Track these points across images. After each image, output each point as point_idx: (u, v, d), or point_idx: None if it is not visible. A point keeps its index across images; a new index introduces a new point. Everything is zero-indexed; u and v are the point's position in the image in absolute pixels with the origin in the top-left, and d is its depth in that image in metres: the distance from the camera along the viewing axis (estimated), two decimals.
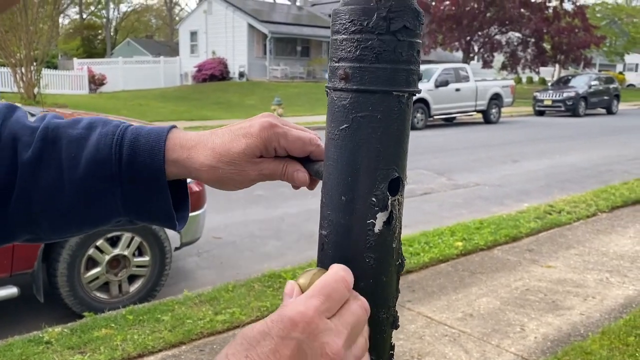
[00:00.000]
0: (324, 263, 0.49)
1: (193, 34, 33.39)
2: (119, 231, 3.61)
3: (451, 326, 3.33)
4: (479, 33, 30.13)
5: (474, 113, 17.99)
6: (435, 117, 16.86)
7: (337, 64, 0.47)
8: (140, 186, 0.60)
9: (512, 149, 11.72)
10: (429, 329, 3.30)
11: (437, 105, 16.45)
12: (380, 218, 0.47)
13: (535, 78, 38.87)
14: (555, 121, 19.14)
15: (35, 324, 3.36)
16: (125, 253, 3.65)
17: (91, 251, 3.52)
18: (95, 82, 28.87)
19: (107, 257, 3.58)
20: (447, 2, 29.91)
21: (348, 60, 0.46)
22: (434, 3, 30.09)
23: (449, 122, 18.29)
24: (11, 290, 3.25)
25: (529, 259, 4.54)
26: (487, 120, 18.11)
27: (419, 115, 16.00)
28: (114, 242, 3.62)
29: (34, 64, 17.52)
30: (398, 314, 0.51)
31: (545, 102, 21.63)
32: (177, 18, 51.11)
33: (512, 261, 4.50)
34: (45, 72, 21.45)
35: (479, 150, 11.50)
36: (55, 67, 30.74)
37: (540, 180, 8.38)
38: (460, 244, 4.78)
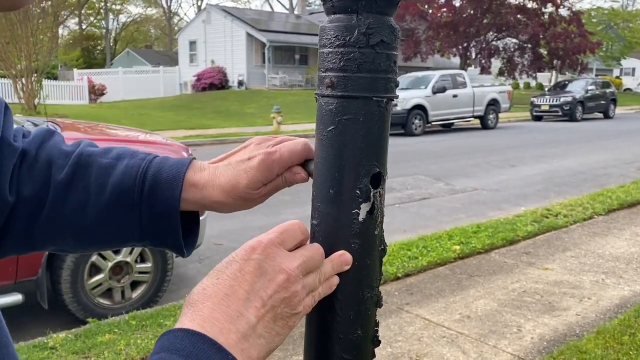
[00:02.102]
0: None
1: (192, 44, 33.56)
2: None
3: (449, 328, 3.39)
4: (476, 39, 30.33)
5: (472, 119, 18.10)
6: (433, 123, 16.96)
7: (324, 74, 0.54)
8: (156, 217, 0.67)
9: (509, 154, 11.80)
10: (427, 330, 3.36)
11: (435, 111, 16.56)
12: (364, 208, 0.53)
13: (533, 83, 39.06)
14: (553, 126, 19.26)
15: (39, 330, 3.42)
16: (128, 260, 3.71)
17: (94, 258, 3.57)
18: (95, 92, 29.01)
19: (109, 264, 3.64)
20: (444, 9, 30.13)
21: (334, 70, 0.53)
22: (430, 10, 30.30)
23: (447, 128, 18.39)
24: (16, 297, 3.31)
25: (525, 262, 4.60)
26: (484, 125, 18.21)
27: (417, 121, 16.10)
28: (117, 249, 3.68)
29: (35, 74, 17.64)
30: (382, 294, 0.58)
31: (543, 107, 21.76)
32: (176, 28, 51.36)
33: (509, 264, 4.56)
34: (45, 82, 21.58)
35: (476, 155, 11.58)
36: (56, 78, 30.91)
37: (538, 184, 8.45)
38: (457, 247, 4.84)
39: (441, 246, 4.87)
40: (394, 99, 0.55)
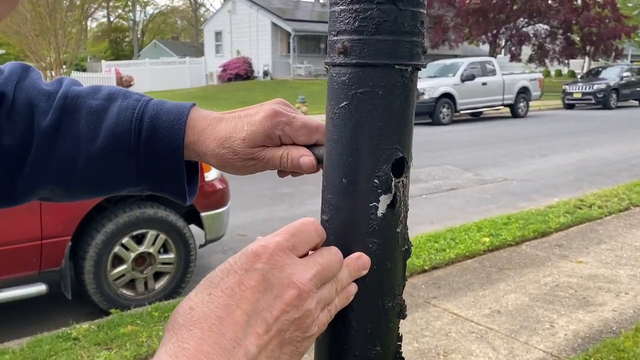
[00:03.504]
0: None
1: (218, 34, 33.65)
2: (145, 229, 3.65)
3: (478, 323, 3.27)
4: (506, 26, 29.63)
5: (501, 107, 17.69)
6: (462, 112, 16.63)
7: (335, 38, 0.44)
8: (156, 162, 0.60)
9: (540, 143, 11.48)
10: (455, 325, 3.24)
11: (463, 99, 16.23)
12: (384, 201, 0.44)
13: (565, 71, 38.06)
14: (586, 114, 18.71)
15: (63, 321, 3.42)
16: (151, 250, 3.68)
17: (117, 249, 3.56)
18: (123, 83, 29.35)
19: (132, 255, 3.61)
20: None
21: (346, 32, 0.43)
22: None
23: (476, 116, 18.03)
24: (40, 288, 3.31)
25: (558, 255, 4.44)
26: (514, 114, 17.79)
27: (444, 110, 15.82)
28: (139, 239, 3.66)
29: (64, 67, 17.91)
30: (405, 303, 0.48)
31: (575, 95, 21.14)
32: (202, 19, 51.56)
33: (541, 257, 4.40)
34: (74, 74, 21.91)
35: (506, 144, 11.31)
36: (84, 70, 31.37)
37: (570, 174, 8.19)
38: (487, 239, 4.69)
39: (470, 238, 4.73)
40: (422, 68, 0.45)
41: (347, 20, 0.43)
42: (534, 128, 14.57)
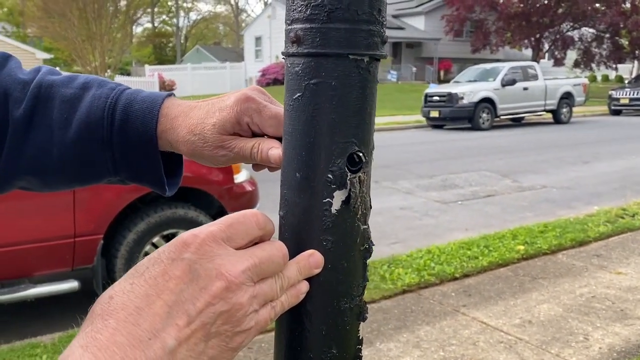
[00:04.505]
0: None
1: (257, 39, 34.06)
2: (175, 229, 3.70)
3: (508, 333, 3.18)
4: (550, 30, 28.94)
5: (543, 113, 17.25)
6: (502, 117, 16.30)
7: (289, 27, 0.43)
8: (131, 152, 0.59)
9: (583, 149, 11.14)
10: (484, 334, 3.16)
11: (504, 104, 15.91)
12: (338, 197, 0.42)
13: (612, 75, 36.84)
14: (633, 121, 18.04)
15: None
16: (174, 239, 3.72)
17: (148, 248, 3.62)
18: (165, 87, 30.00)
19: None
20: (516, 0, 28.95)
21: (300, 21, 0.42)
22: (501, 0, 29.22)
23: (517, 122, 17.64)
24: (72, 284, 3.40)
25: (596, 265, 4.27)
26: (557, 120, 17.31)
27: (484, 115, 15.54)
28: (169, 239, 3.71)
29: (108, 71, 18.47)
30: (366, 305, 0.46)
31: (622, 101, 20.41)
32: (243, 24, 52.31)
33: (578, 267, 4.25)
34: (118, 78, 22.54)
35: (547, 151, 11.01)
36: (129, 74, 32.21)
37: (614, 182, 7.90)
38: (522, 247, 4.57)
39: (504, 246, 4.61)
40: (380, 59, 0.43)
41: (299, 9, 0.41)
42: (577, 134, 14.14)
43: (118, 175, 0.61)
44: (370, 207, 0.45)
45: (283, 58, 0.44)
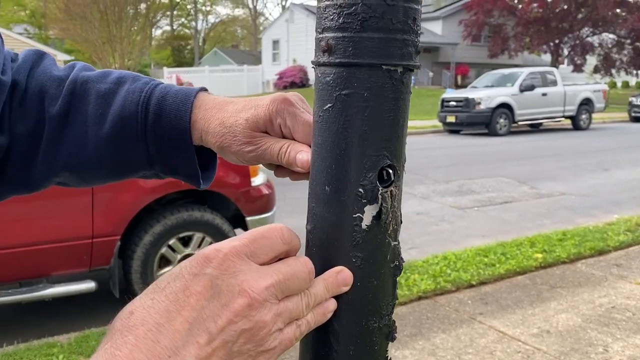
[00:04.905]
0: None
1: (275, 43, 34.18)
2: (191, 231, 3.71)
3: (525, 342, 3.13)
4: (569, 35, 28.63)
5: (562, 119, 17.06)
6: (520, 123, 16.15)
7: (320, 35, 0.41)
8: (165, 145, 0.59)
9: (603, 156, 10.98)
10: (501, 344, 3.12)
11: (522, 110, 15.76)
12: (369, 212, 0.41)
13: (632, 82, 36.33)
14: None
15: (110, 318, 3.48)
16: (196, 252, 3.73)
17: (164, 250, 3.63)
18: None
19: (179, 256, 3.68)
20: (535, 4, 28.70)
21: (331, 30, 0.40)
22: (520, 5, 29.00)
23: (535, 128, 17.47)
24: (89, 285, 3.42)
25: (616, 275, 4.20)
26: (576, 126, 17.11)
27: (502, 120, 15.40)
28: (185, 241, 3.72)
29: None
30: (395, 325, 0.45)
31: None
32: (261, 28, 52.55)
33: (597, 276, 4.17)
34: None
35: (566, 157, 10.87)
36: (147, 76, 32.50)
37: (634, 190, 7.76)
38: (540, 255, 4.50)
39: (522, 254, 4.55)
40: (415, 70, 0.42)
41: (331, 17, 0.40)
42: (596, 141, 13.95)
43: (153, 168, 0.61)
44: (401, 223, 0.44)
45: (313, 67, 0.43)
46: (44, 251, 3.23)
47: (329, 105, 0.41)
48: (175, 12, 52.09)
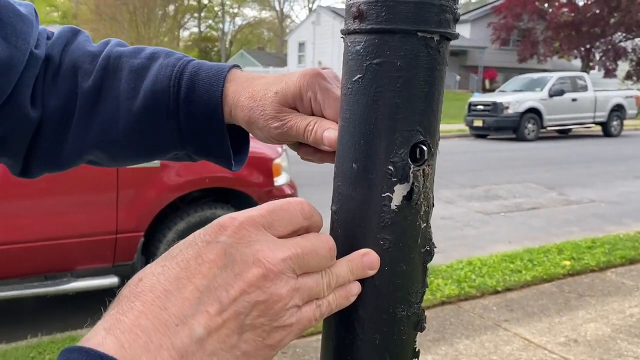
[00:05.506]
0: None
1: (301, 45, 34.30)
2: None
3: (552, 351, 3.04)
4: (601, 40, 28.05)
5: (592, 125, 16.71)
6: (549, 128, 15.87)
7: (351, 1, 0.39)
8: (196, 121, 0.57)
9: (634, 164, 10.70)
10: (527, 352, 3.04)
11: (551, 115, 15.48)
12: (399, 191, 0.38)
13: None
14: None
15: None
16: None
17: None
18: None
19: None
20: (566, 9, 28.23)
21: None
22: (550, 9, 28.56)
23: (564, 134, 17.14)
24: (112, 280, 3.44)
25: None
26: (606, 133, 16.73)
27: (530, 125, 15.16)
28: None
29: None
30: (425, 314, 0.41)
31: None
32: (287, 30, 52.79)
33: (628, 285, 4.05)
34: None
35: (596, 164, 10.64)
36: None
37: None
38: (568, 263, 4.40)
39: (549, 261, 4.45)
40: (452, 39, 0.39)
41: None
42: (628, 148, 13.62)
43: (185, 148, 0.60)
44: (433, 205, 0.41)
45: (342, 37, 0.40)
46: (69, 245, 3.27)
47: (358, 76, 0.38)
48: (202, 14, 52.65)
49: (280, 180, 3.92)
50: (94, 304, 3.89)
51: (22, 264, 3.22)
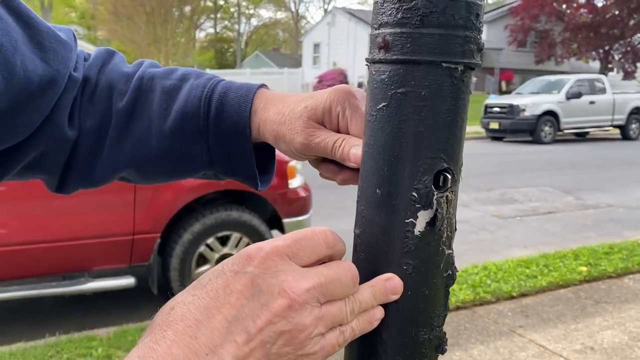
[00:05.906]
0: (357, 268, 0.41)
1: (316, 46, 34.34)
2: (229, 231, 3.74)
3: (567, 358, 3.02)
4: (620, 41, 27.70)
5: (611, 128, 16.51)
6: (566, 131, 15.71)
7: (377, 31, 0.39)
8: (225, 141, 0.59)
9: None
10: (542, 359, 3.02)
11: (568, 118, 15.32)
12: (422, 217, 0.38)
13: None
14: None
15: (148, 314, 3.56)
16: (234, 252, 3.73)
17: (202, 249, 3.67)
18: None
19: (216, 255, 3.71)
20: (584, 10, 27.91)
21: (389, 25, 0.38)
22: (568, 11, 28.27)
23: (581, 137, 16.95)
24: (129, 280, 3.48)
25: None
26: (625, 136, 16.52)
27: (547, 128, 15.01)
28: (223, 241, 3.76)
29: None
30: (446, 336, 0.42)
31: None
32: (302, 31, 52.86)
33: None
34: None
35: (614, 168, 10.51)
36: None
37: None
38: (584, 269, 4.35)
39: (565, 266, 4.41)
40: (475, 68, 0.39)
41: (389, 12, 0.38)
42: None
43: (213, 168, 0.62)
44: (456, 230, 0.41)
45: (367, 65, 0.41)
46: (86, 246, 3.32)
47: (383, 104, 0.39)
48: (218, 15, 52.94)
49: (294, 182, 3.94)
50: (110, 304, 3.94)
51: (41, 263, 3.27)
